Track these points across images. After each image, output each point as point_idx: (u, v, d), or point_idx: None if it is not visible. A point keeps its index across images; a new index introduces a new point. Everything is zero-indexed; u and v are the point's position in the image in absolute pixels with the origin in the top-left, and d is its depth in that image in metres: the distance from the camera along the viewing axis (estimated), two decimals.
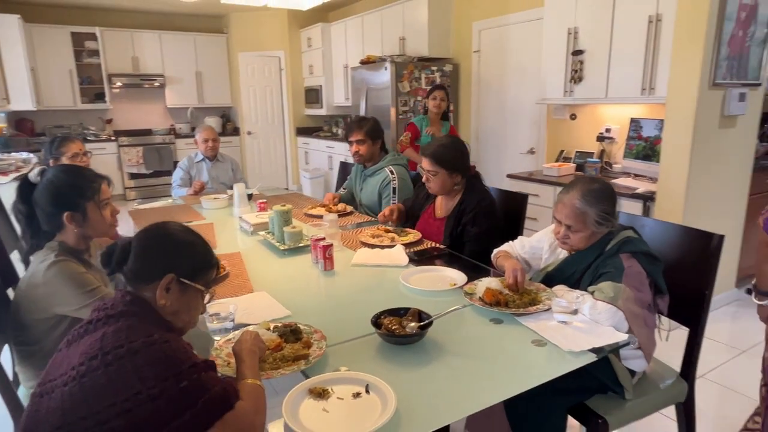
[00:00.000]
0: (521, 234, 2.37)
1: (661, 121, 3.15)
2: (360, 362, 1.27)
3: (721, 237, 1.63)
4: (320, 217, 2.55)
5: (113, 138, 7.07)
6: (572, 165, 3.89)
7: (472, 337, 1.41)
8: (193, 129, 7.42)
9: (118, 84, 7.07)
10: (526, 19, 4.34)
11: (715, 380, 2.50)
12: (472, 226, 2.15)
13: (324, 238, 1.91)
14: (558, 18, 3.71)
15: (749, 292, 3.50)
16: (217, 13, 7.42)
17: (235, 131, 7.74)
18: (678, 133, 2.82)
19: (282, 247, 2.15)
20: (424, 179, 2.29)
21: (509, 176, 3.97)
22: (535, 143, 4.50)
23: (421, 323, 1.36)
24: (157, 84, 7.26)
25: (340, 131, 6.97)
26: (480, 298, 1.57)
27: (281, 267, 2.03)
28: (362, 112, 5.36)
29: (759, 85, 3.05)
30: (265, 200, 2.85)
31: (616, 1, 3.32)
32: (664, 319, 1.73)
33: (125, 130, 7.35)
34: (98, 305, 1.06)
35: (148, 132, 7.43)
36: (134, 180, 7.17)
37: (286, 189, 4.94)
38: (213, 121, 7.51)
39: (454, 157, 2.21)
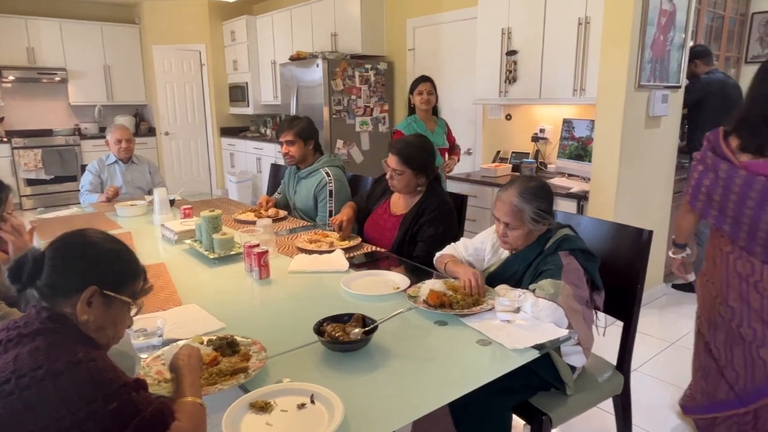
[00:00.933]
0: (462, 236, 2.47)
1: (592, 121, 3.38)
2: (303, 372, 1.28)
3: (650, 232, 1.79)
4: (252, 222, 2.51)
5: (5, 139, 6.54)
6: (509, 165, 4.08)
7: (417, 340, 1.45)
8: (102, 129, 7.03)
9: (11, 78, 6.56)
10: (460, 18, 4.51)
11: (647, 372, 2.72)
12: (429, 227, 2.22)
13: (258, 245, 1.90)
14: (491, 18, 3.89)
15: (675, 287, 3.84)
16: (127, 1, 7.08)
17: (151, 131, 7.41)
18: (608, 134, 3.05)
19: (212, 256, 2.10)
20: (387, 176, 2.33)
21: (448, 177, 4.10)
22: (472, 144, 4.67)
23: (366, 328, 1.39)
24: (57, 78, 6.80)
25: (269, 131, 6.87)
26: (424, 300, 1.62)
27: (212, 277, 1.98)
28: (293, 111, 5.33)
29: (679, 87, 3.37)
30: (189, 206, 2.77)
31: (548, 2, 3.54)
32: (601, 314, 1.87)
33: (20, 131, 6.82)
34: (5, 325, 0.99)
35: (48, 132, 6.93)
36: (32, 187, 6.67)
37: (211, 194, 4.80)
38: (125, 121, 7.14)
39: (421, 157, 2.27)
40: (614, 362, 1.87)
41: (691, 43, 4.39)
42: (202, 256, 2.15)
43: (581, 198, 3.24)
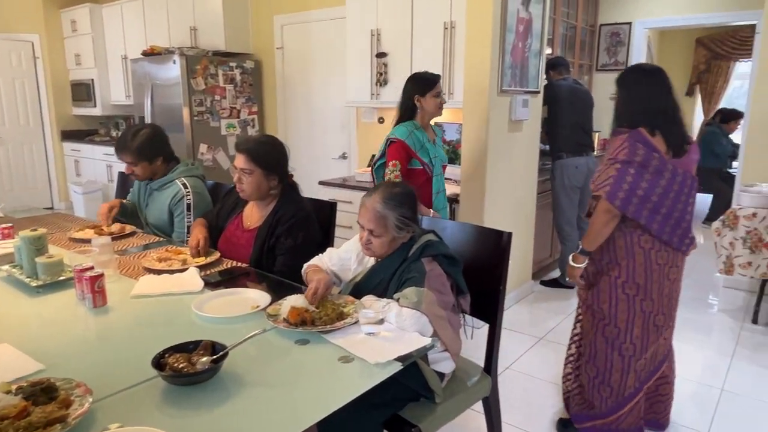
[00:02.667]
0: (332, 245, 2.45)
1: (461, 125, 3.56)
2: (139, 414, 1.16)
3: (510, 234, 1.90)
4: (88, 241, 2.27)
5: None
6: None
7: (275, 362, 1.40)
8: None
9: None
10: (330, 17, 4.53)
11: (520, 370, 2.91)
12: (287, 238, 2.15)
13: (92, 268, 1.71)
14: (360, 18, 3.95)
15: (543, 283, 4.17)
16: None
17: None
18: (474, 137, 3.23)
19: (34, 284, 1.86)
20: (235, 179, 2.21)
21: (321, 183, 4.08)
22: (346, 147, 4.70)
23: (215, 356, 1.31)
24: None
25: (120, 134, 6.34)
26: (284, 318, 1.57)
27: (33, 308, 1.75)
28: (147, 112, 4.97)
29: (538, 92, 3.67)
30: (10, 225, 2.43)
31: (414, 5, 3.67)
32: (468, 318, 1.95)
33: None
34: None
35: None
36: None
37: (50, 208, 4.31)
38: None
39: (272, 156, 2.19)
40: (483, 364, 1.97)
41: (549, 51, 4.82)
42: (22, 283, 1.90)
43: (453, 201, 3.39)
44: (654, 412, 2.36)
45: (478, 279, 1.91)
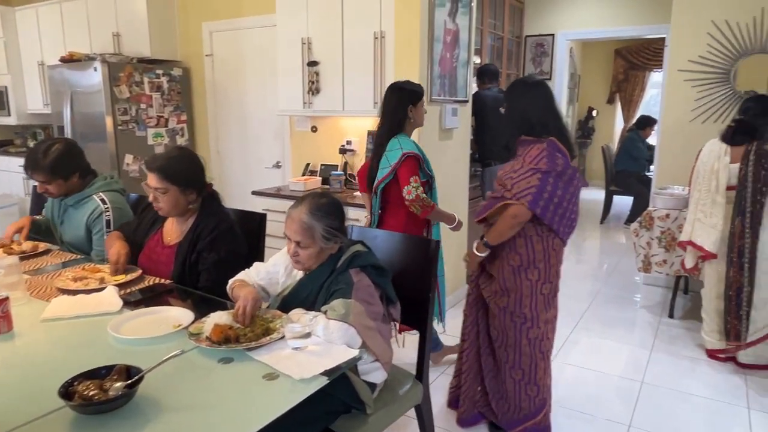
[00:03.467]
0: (263, 256, 2.40)
1: None
2: None
3: (438, 242, 1.93)
4: None
5: None
6: (318, 178, 4.13)
7: (197, 384, 1.34)
8: None
9: None
10: (261, 25, 4.46)
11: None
12: (210, 252, 2.08)
13: None
14: (290, 26, 3.91)
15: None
16: None
17: None
18: None
19: None
20: (151, 198, 2.11)
21: (255, 193, 4.00)
22: (280, 156, 4.64)
23: (129, 381, 1.24)
24: None
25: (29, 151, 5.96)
26: (207, 337, 1.51)
27: None
28: (66, 121, 4.71)
29: (467, 101, 3.76)
30: None
31: (345, 15, 3.67)
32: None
33: None
34: None
35: None
36: None
37: None
38: None
39: (187, 170, 2.09)
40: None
41: (477, 61, 4.95)
42: None
43: None
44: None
45: (408, 287, 1.93)
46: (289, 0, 3.88)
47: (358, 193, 3.75)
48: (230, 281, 1.88)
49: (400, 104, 2.62)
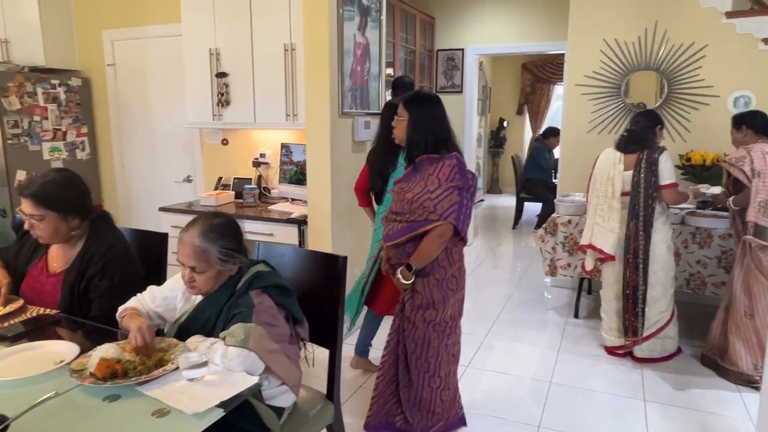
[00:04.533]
0: (165, 279, 2.25)
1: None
2: None
3: (345, 258, 1.89)
4: None
5: None
6: (231, 193, 3.99)
7: (78, 427, 1.21)
8: None
9: None
10: (166, 34, 4.25)
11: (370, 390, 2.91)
12: (101, 279, 1.91)
13: None
14: (197, 37, 3.76)
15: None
16: None
17: None
18: (318, 159, 3.21)
19: None
20: (26, 226, 1.91)
21: (163, 209, 3.79)
22: (191, 170, 4.43)
23: None
24: None
25: None
26: (91, 373, 1.38)
27: None
28: None
29: (380, 114, 3.76)
30: None
31: (253, 26, 3.58)
32: (310, 345, 1.90)
33: None
34: None
35: None
36: None
37: None
38: None
39: (66, 194, 1.90)
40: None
41: (390, 73, 5.00)
42: None
43: (301, 223, 3.33)
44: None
45: (316, 305, 1.88)
46: (196, 10, 3.74)
47: (273, 207, 3.66)
48: (120, 308, 1.73)
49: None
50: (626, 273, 3.13)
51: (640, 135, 3.13)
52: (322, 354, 1.93)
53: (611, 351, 3.28)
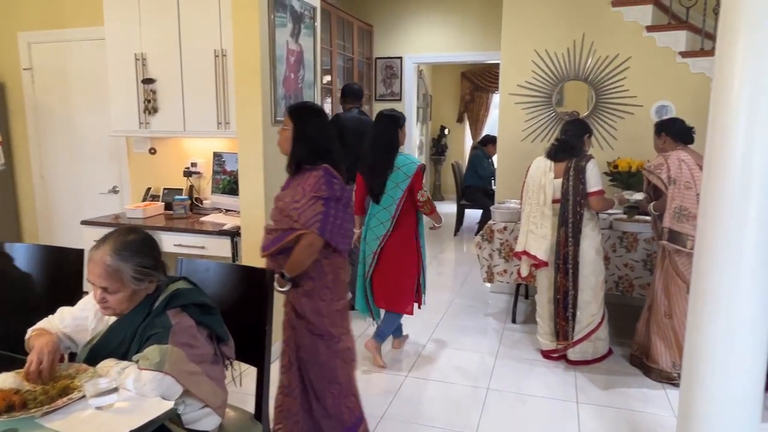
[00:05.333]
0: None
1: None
2: None
3: (272, 272, 1.84)
4: None
5: None
6: (161, 204, 3.84)
7: None
8: None
9: None
10: (89, 38, 4.06)
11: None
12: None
13: None
14: (122, 41, 3.61)
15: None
16: None
17: None
18: (250, 168, 3.14)
19: None
20: None
21: (85, 223, 3.60)
22: (117, 181, 4.24)
23: None
24: None
25: None
26: None
27: None
28: None
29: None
30: None
31: (182, 31, 3.47)
32: (238, 364, 1.84)
33: None
34: None
35: None
36: None
37: None
38: None
39: None
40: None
41: (328, 79, 4.98)
42: None
43: (235, 235, 3.24)
44: None
45: (243, 321, 1.82)
46: (119, 12, 3.59)
47: (205, 219, 3.54)
48: (29, 331, 1.62)
49: (392, 129, 3.17)
50: (557, 278, 3.23)
51: (569, 144, 3.24)
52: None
53: (546, 355, 3.37)
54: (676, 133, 3.12)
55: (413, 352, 3.48)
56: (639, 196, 3.46)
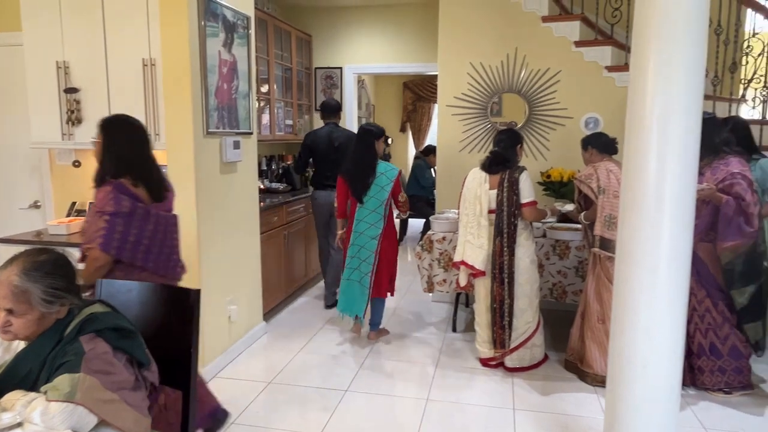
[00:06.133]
0: None
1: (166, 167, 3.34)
2: None
3: (197, 291, 1.79)
4: None
5: None
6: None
7: None
8: None
9: None
10: (5, 43, 3.84)
11: (248, 423, 2.79)
12: None
13: None
14: (42, 48, 3.43)
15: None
16: None
17: None
18: (181, 181, 3.04)
19: None
20: None
21: (2, 240, 3.38)
22: (39, 195, 4.02)
23: None
24: None
25: None
26: None
27: None
28: None
29: (251, 133, 3.68)
30: None
31: (108, 38, 3.34)
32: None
33: None
34: None
35: None
36: None
37: None
38: None
39: None
40: None
41: (265, 89, 4.92)
42: None
43: None
44: None
45: (167, 344, 1.75)
46: (39, 18, 3.41)
47: None
48: None
49: (369, 140, 3.70)
50: (494, 287, 3.31)
51: (504, 156, 3.34)
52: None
53: (485, 363, 3.44)
54: (601, 145, 3.27)
55: (355, 364, 3.46)
56: (570, 206, 3.60)
